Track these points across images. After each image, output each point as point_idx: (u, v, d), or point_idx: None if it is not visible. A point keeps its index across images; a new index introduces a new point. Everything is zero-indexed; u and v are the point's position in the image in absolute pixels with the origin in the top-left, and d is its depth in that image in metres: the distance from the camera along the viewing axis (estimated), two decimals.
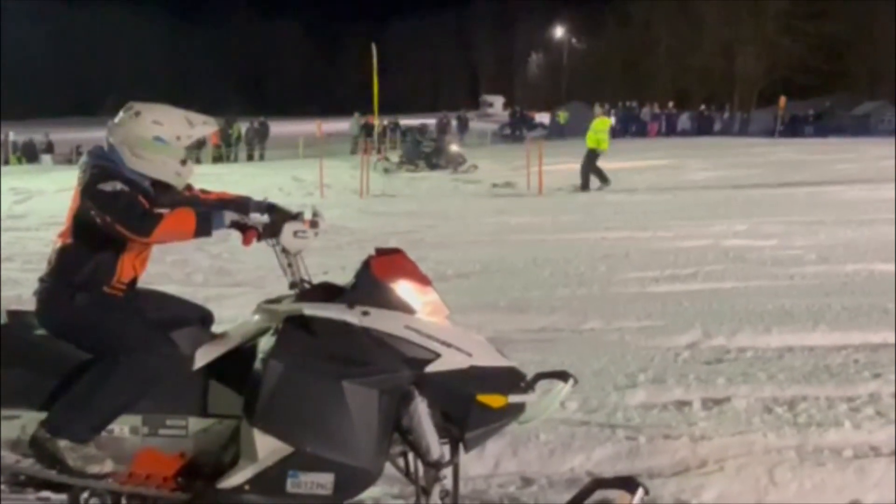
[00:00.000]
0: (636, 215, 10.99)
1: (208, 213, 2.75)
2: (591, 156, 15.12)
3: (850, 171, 16.40)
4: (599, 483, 2.81)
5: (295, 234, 2.78)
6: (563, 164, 18.26)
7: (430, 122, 32.92)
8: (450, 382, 2.63)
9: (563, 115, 40.26)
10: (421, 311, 2.72)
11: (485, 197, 14.32)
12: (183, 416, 2.81)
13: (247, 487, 2.61)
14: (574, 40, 65.74)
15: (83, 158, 2.91)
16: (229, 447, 2.75)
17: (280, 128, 33.41)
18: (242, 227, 2.79)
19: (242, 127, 29.56)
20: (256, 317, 2.92)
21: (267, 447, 2.60)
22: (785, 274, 6.95)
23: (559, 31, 65.45)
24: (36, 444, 2.76)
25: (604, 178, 14.88)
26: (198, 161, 25.65)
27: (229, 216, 2.76)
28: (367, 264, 2.77)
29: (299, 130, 30.99)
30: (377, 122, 19.96)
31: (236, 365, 2.81)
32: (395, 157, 21.86)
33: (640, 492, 2.62)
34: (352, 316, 2.65)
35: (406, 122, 32.77)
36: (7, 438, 2.82)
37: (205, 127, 3.01)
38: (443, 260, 7.62)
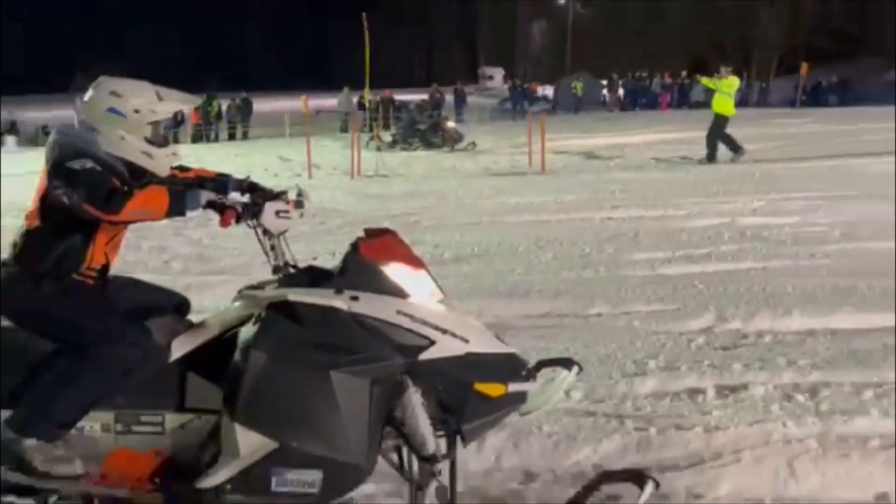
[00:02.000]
0: (645, 193, 10.96)
1: (183, 191, 2.74)
2: (721, 121, 14.51)
3: (877, 142, 16.32)
4: (607, 476, 2.83)
5: (277, 214, 2.77)
6: (568, 140, 18.27)
7: (425, 97, 32.83)
8: (445, 370, 2.63)
9: (578, 86, 40.15)
10: (414, 294, 2.70)
11: (484, 176, 14.28)
12: (158, 412, 2.81)
13: (228, 487, 2.61)
14: (579, 6, 65.38)
15: (52, 136, 2.88)
16: (209, 444, 2.74)
17: (264, 104, 33.24)
18: (220, 207, 2.76)
19: (223, 104, 29.46)
20: (237, 304, 2.91)
21: (249, 443, 2.58)
22: (806, 253, 6.96)
23: None
24: (1, 445, 2.75)
25: (736, 147, 14.34)
26: (176, 140, 25.65)
27: (205, 195, 2.74)
28: (355, 246, 2.76)
29: (285, 107, 30.83)
30: (369, 97, 19.93)
31: (215, 356, 2.80)
32: (388, 135, 21.81)
33: (649, 486, 2.63)
34: (340, 301, 2.64)
35: (400, 97, 32.64)
36: None
37: (178, 102, 2.97)
38: (440, 243, 7.62)
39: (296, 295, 2.67)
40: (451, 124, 21.27)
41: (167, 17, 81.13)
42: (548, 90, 45.11)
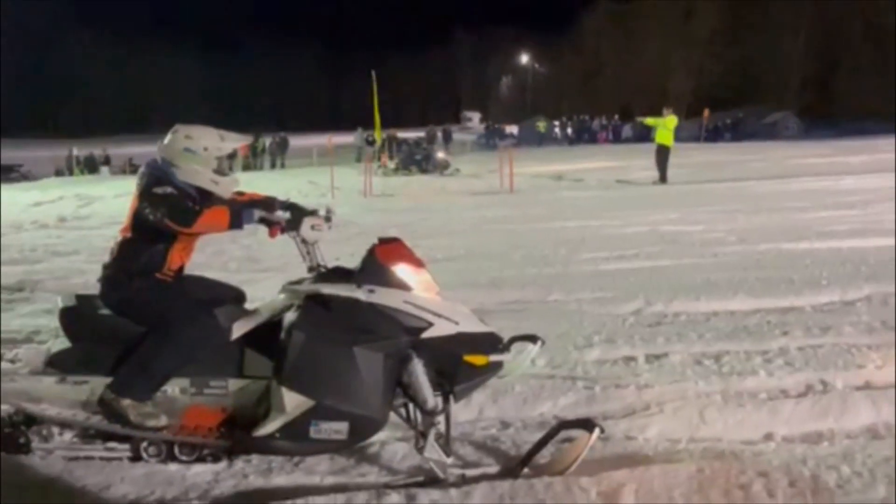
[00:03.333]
0: (590, 208, 10.98)
1: (240, 209, 2.76)
2: (664, 151, 14.29)
3: (761, 168, 16.46)
4: (564, 424, 2.83)
5: (312, 227, 2.78)
6: (530, 168, 18.27)
7: (421, 134, 32.72)
8: (441, 346, 2.65)
9: (542, 125, 40.08)
10: (416, 288, 2.72)
11: (466, 195, 14.25)
12: (224, 378, 2.81)
13: (277, 435, 2.62)
14: (537, 65, 65.43)
15: (142, 169, 2.92)
16: (262, 403, 2.74)
17: (298, 141, 33.05)
18: (269, 223, 2.80)
19: (267, 140, 29.29)
20: (282, 296, 2.91)
21: (293, 402, 2.60)
22: (710, 253, 6.95)
23: (524, 58, 65.15)
24: (103, 403, 2.75)
25: (662, 178, 14.16)
26: (230, 169, 25.45)
27: (257, 213, 2.76)
28: (372, 251, 2.77)
29: (313, 143, 30.69)
30: (379, 135, 20.01)
31: (267, 335, 2.81)
32: (392, 163, 21.75)
33: (596, 431, 2.64)
34: (360, 293, 2.65)
35: (402, 134, 32.54)
36: (78, 400, 2.81)
37: (234, 141, 2.98)
38: (433, 247, 7.60)
39: (327, 288, 2.70)
40: (440, 155, 21.25)
41: (228, 76, 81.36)
42: (514, 129, 45.10)
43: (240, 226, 2.72)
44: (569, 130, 40.71)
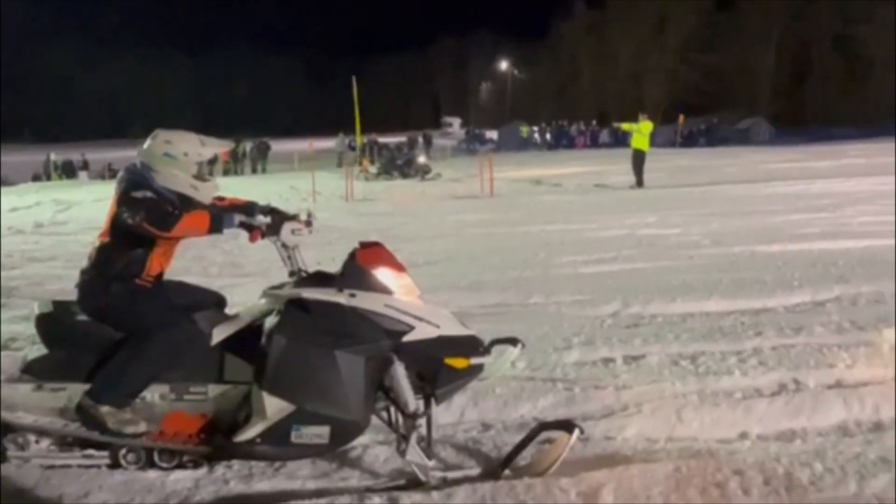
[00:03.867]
0: (568, 211, 11.05)
1: (220, 214, 2.71)
2: (640, 156, 14.40)
3: (734, 173, 16.68)
4: (544, 426, 2.84)
5: (292, 231, 2.75)
6: (510, 172, 18.34)
7: (402, 139, 32.67)
8: (422, 349, 2.63)
9: (524, 129, 40.25)
10: (397, 291, 2.70)
11: (447, 199, 14.26)
12: (204, 384, 2.77)
13: (258, 440, 2.58)
14: (516, 72, 65.73)
15: (120, 173, 2.87)
16: (243, 408, 2.71)
17: (279, 146, 32.84)
18: (249, 227, 2.76)
19: (248, 145, 29.05)
20: (263, 300, 2.88)
21: (274, 406, 2.57)
22: (686, 255, 7.02)
23: (504, 65, 65.39)
24: (81, 410, 2.70)
25: (639, 182, 14.27)
26: (210, 174, 25.19)
27: (238, 218, 2.72)
28: (352, 255, 2.75)
29: (294, 148, 30.49)
30: (360, 140, 19.90)
31: (247, 340, 2.77)
32: (374, 168, 21.69)
33: (576, 432, 2.64)
34: (341, 297, 2.63)
35: (383, 139, 32.48)
36: (55, 407, 2.75)
37: (215, 147, 2.95)
38: (414, 251, 7.60)
39: (308, 293, 2.67)
40: (421, 159, 21.22)
41: (208, 82, 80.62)
42: (494, 134, 45.24)
43: (219, 230, 2.68)
44: (547, 136, 40.95)
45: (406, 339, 2.61)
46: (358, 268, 2.70)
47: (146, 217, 2.62)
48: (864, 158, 18.69)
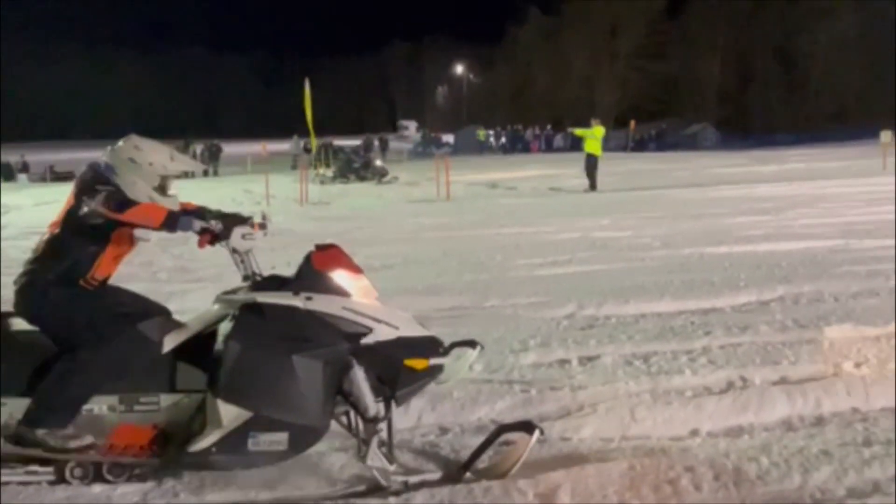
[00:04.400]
0: (524, 215, 11.15)
1: (179, 214, 2.63)
2: (592, 160, 14.63)
3: (683, 177, 17.15)
4: (503, 428, 2.83)
5: (243, 236, 2.69)
6: (466, 176, 18.41)
7: (358, 142, 32.45)
8: (382, 351, 2.60)
9: (482, 133, 40.48)
10: (355, 294, 2.67)
11: (403, 203, 14.23)
12: (155, 394, 2.67)
13: (214, 449, 2.51)
14: (472, 76, 66.21)
15: (83, 169, 2.78)
16: (196, 417, 2.63)
17: (232, 148, 32.22)
18: (208, 232, 2.68)
19: (198, 147, 28.37)
20: (216, 306, 2.80)
21: (230, 414, 2.51)
22: (638, 257, 7.16)
23: (459, 69, 65.79)
24: (19, 436, 2.56)
25: (593, 186, 14.52)
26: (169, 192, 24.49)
27: (198, 223, 2.63)
28: (308, 258, 2.70)
29: (248, 150, 30.00)
30: (314, 142, 19.68)
31: (200, 347, 2.70)
32: (330, 172, 21.47)
33: (536, 433, 2.66)
34: (297, 301, 2.58)
35: (338, 142, 32.20)
36: None
37: (185, 165, 2.92)
38: (371, 254, 7.53)
39: (263, 297, 2.62)
40: (378, 162, 21.11)
41: (157, 82, 78.17)
42: (450, 137, 45.40)
43: (173, 228, 2.58)
44: (503, 139, 41.33)
45: (365, 341, 2.58)
46: (314, 271, 2.66)
47: (103, 199, 2.52)
48: (804, 163, 19.52)
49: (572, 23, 52.16)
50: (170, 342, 2.70)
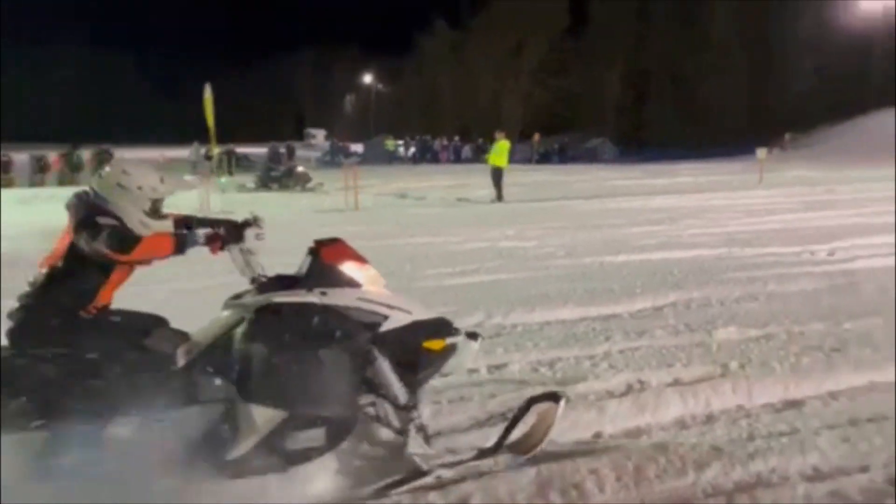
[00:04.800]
0: (433, 225, 11.21)
1: (183, 236, 2.63)
2: (498, 172, 14.92)
3: (584, 189, 17.88)
4: (532, 400, 2.88)
5: (256, 236, 2.76)
6: (374, 186, 18.29)
7: (263, 150, 31.43)
8: (400, 336, 2.64)
9: (390, 143, 40.38)
10: (365, 284, 2.71)
11: (311, 212, 13.92)
12: (176, 409, 2.59)
13: (253, 454, 2.49)
14: (380, 85, 66.16)
15: (71, 199, 2.72)
16: (224, 425, 2.57)
17: (128, 154, 30.25)
18: (207, 242, 2.67)
19: (85, 153, 26.46)
20: (226, 312, 2.75)
21: (265, 417, 2.48)
22: (543, 266, 7.35)
23: (368, 78, 65.56)
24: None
25: (499, 196, 14.76)
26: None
27: (202, 232, 2.66)
28: (315, 253, 2.73)
29: (146, 156, 28.28)
30: (214, 147, 18.93)
31: (216, 355, 2.62)
32: (250, 181, 20.50)
33: (563, 401, 2.77)
34: (313, 297, 2.60)
35: (242, 150, 31.10)
36: None
37: (176, 187, 2.89)
38: (277, 264, 7.30)
39: (279, 297, 2.62)
40: (300, 169, 20.44)
41: (39, 80, 72.26)
42: (358, 147, 45.03)
43: (183, 251, 2.55)
44: (412, 150, 41.50)
45: (383, 328, 2.61)
46: (324, 265, 2.68)
47: (106, 240, 2.47)
48: (692, 177, 20.89)
49: (477, 38, 53.44)
50: (182, 355, 2.64)
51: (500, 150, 15.28)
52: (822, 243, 8.18)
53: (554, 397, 2.81)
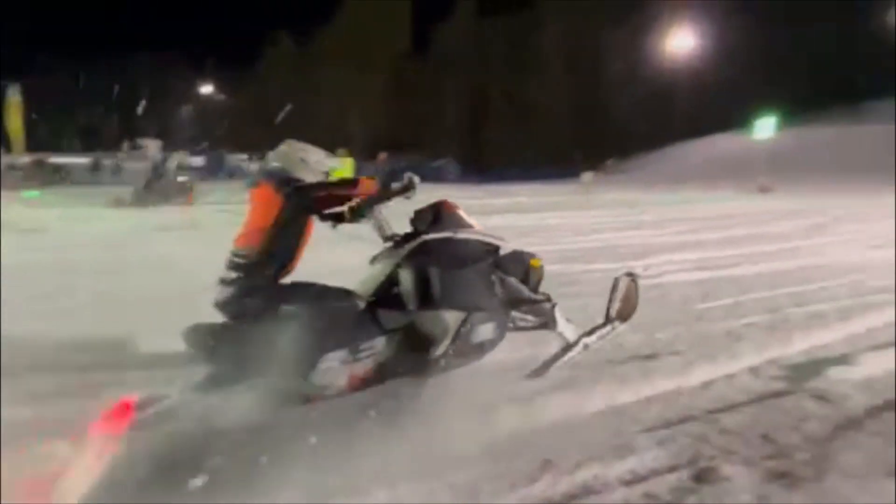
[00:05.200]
0: None
1: (388, 175, 3.37)
2: None
3: None
4: (617, 280, 3.86)
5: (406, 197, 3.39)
6: (210, 203, 17.33)
7: (85, 160, 28.55)
8: (512, 259, 3.52)
9: (233, 157, 38.79)
10: (475, 225, 3.47)
11: (146, 231, 12.80)
12: (371, 339, 3.13)
13: (451, 351, 3.21)
14: (223, 96, 63.10)
15: (258, 177, 3.24)
16: (407, 342, 3.17)
17: None
18: (405, 188, 3.39)
19: None
20: (379, 265, 3.40)
21: (452, 317, 3.21)
22: None
23: (208, 88, 62.26)
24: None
25: None
26: None
27: (408, 176, 3.39)
28: (437, 207, 3.44)
29: None
30: (18, 157, 16.81)
31: (385, 297, 3.26)
32: (128, 196, 17.93)
33: (638, 277, 3.91)
34: (450, 233, 3.36)
35: (57, 160, 27.92)
36: None
37: (332, 162, 3.40)
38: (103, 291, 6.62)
39: (428, 237, 3.34)
40: (181, 178, 18.43)
41: None
42: (197, 160, 42.45)
43: (387, 193, 3.34)
44: (202, 161, 40.05)
45: (501, 252, 3.48)
46: (448, 213, 3.44)
47: (329, 187, 3.18)
48: (528, 197, 22.31)
49: (321, 56, 53.07)
50: (360, 299, 3.19)
51: (345, 168, 15.22)
52: (638, 259, 9.10)
53: (632, 275, 3.81)
